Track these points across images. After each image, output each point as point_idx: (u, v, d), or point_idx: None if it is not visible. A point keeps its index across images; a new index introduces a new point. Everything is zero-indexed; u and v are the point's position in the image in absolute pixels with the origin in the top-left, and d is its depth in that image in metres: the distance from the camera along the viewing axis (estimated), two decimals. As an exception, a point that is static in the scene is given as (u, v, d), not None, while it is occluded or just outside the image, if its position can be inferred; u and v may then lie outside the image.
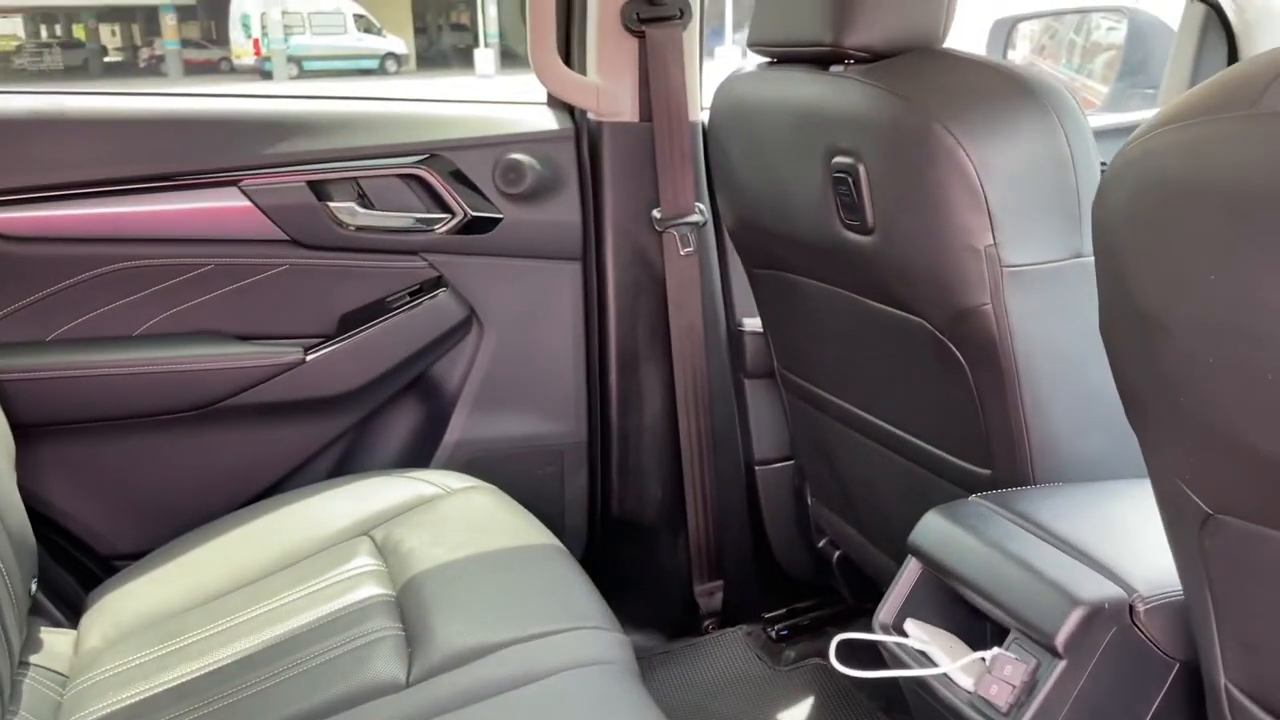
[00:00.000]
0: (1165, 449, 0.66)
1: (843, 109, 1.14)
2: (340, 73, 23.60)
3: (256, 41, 24.38)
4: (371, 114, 1.55)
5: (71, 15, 29.04)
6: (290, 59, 23.87)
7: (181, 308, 1.46)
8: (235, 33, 24.87)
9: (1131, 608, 0.83)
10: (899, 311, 1.19)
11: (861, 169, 1.11)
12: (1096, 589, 0.84)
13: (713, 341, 1.68)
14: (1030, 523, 0.95)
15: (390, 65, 25.02)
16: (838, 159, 1.14)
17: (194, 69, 26.51)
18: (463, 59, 25.41)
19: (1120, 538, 0.91)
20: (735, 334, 1.70)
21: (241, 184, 1.44)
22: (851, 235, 1.17)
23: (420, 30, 29.68)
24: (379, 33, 25.35)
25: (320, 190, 1.48)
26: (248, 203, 1.44)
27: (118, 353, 1.43)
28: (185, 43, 27.89)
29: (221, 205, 1.44)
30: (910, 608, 1.01)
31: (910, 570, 1.01)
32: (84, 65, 27.95)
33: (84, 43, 29.52)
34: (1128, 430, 1.11)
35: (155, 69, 27.13)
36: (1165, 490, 0.69)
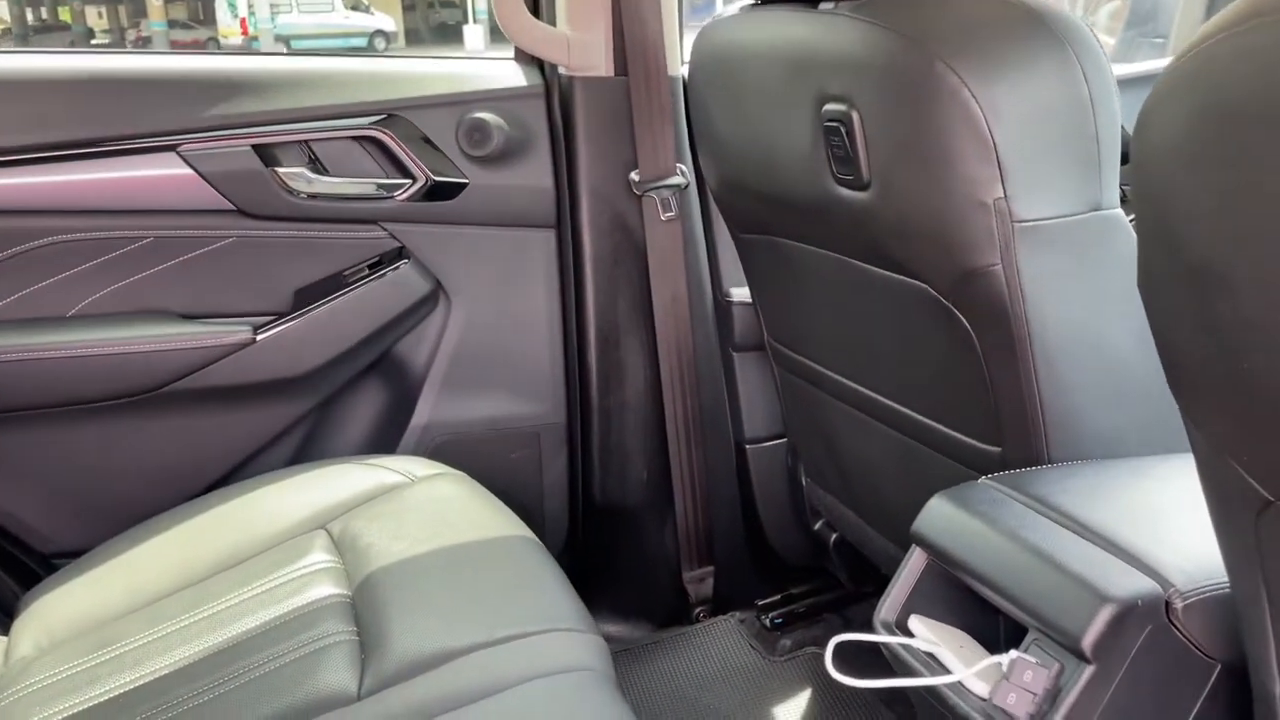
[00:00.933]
0: (1218, 424, 0.55)
1: (833, 50, 1.03)
2: (329, 51, 23.39)
3: (244, 21, 24.18)
4: (322, 72, 1.44)
5: (57, -2, 28.73)
6: (278, 38, 23.67)
7: (119, 285, 1.35)
8: (222, 12, 24.66)
9: (1168, 604, 0.73)
10: (898, 275, 1.08)
11: (855, 116, 1.00)
12: (1127, 584, 0.74)
13: (698, 313, 1.57)
14: (1048, 507, 0.85)
15: (379, 43, 24.81)
16: (829, 106, 1.03)
17: (181, 50, 26.28)
18: (452, 35, 25.18)
19: (1151, 523, 0.81)
20: (722, 304, 1.60)
21: (180, 149, 1.33)
22: (845, 191, 1.06)
23: (409, 7, 29.41)
24: (367, 10, 25.14)
25: (267, 155, 1.36)
26: (187, 169, 1.33)
27: (51, 335, 1.32)
28: (172, 23, 27.64)
29: (159, 173, 1.33)
30: (915, 603, 0.91)
31: (914, 562, 0.91)
32: (70, 49, 27.68)
33: (70, 25, 29.24)
34: (1152, 403, 1.01)
35: (142, 51, 26.87)
36: (1215, 472, 0.59)
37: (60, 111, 1.30)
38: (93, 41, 28.95)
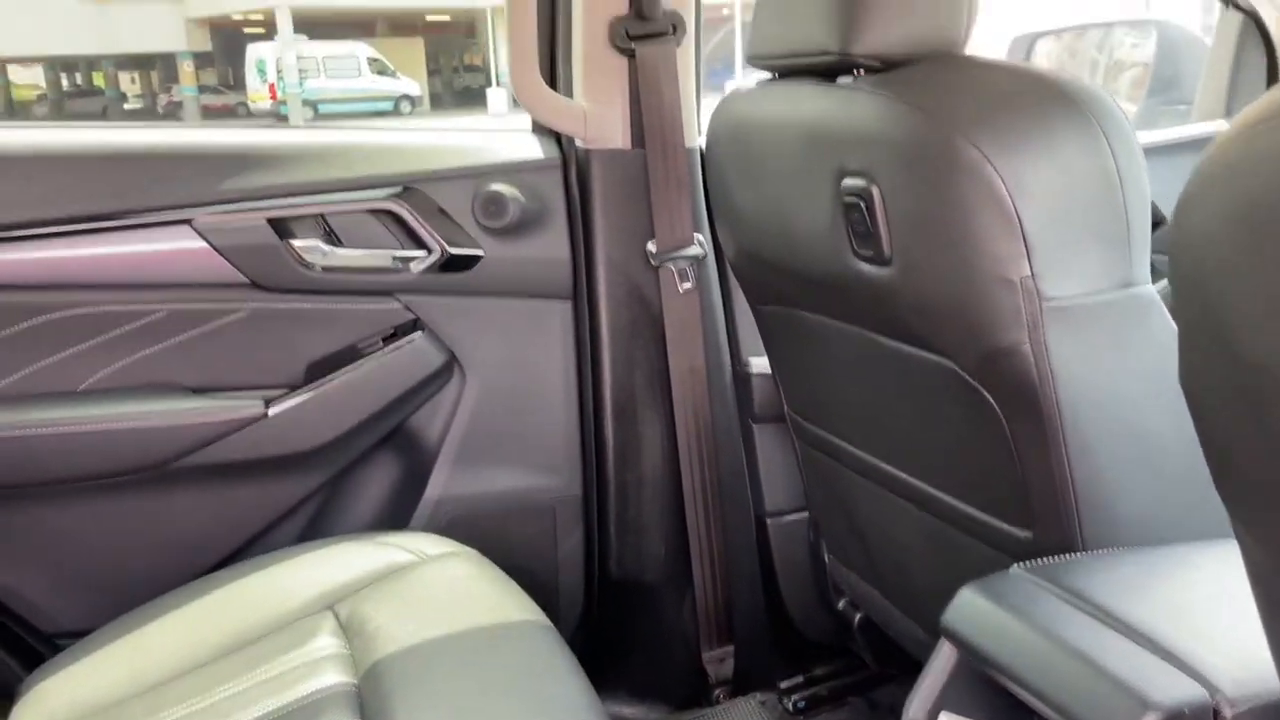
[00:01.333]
0: (1272, 530, 0.52)
1: (852, 125, 1.01)
2: (355, 115, 23.81)
3: (272, 86, 24.67)
4: (339, 145, 1.43)
5: (92, 63, 29.52)
6: (305, 102, 24.14)
7: (130, 359, 1.33)
8: (251, 77, 25.20)
9: (1216, 712, 0.68)
10: (922, 352, 1.05)
11: (875, 191, 0.98)
12: (1173, 689, 0.69)
13: (717, 384, 1.54)
14: (1085, 601, 0.81)
15: (404, 106, 25.28)
16: (848, 181, 1.01)
17: (211, 114, 26.88)
18: (475, 99, 25.63)
19: (1197, 621, 0.76)
20: (741, 375, 1.57)
21: (195, 222, 1.32)
22: (866, 267, 1.04)
23: (434, 72, 30.01)
24: (393, 75, 25.63)
25: (283, 228, 1.35)
26: (202, 243, 1.32)
27: (61, 410, 1.30)
28: (203, 88, 28.32)
29: (173, 246, 1.32)
30: (945, 699, 0.86)
31: (944, 656, 0.86)
32: (103, 113, 28.36)
33: (103, 90, 29.99)
34: (1191, 485, 0.96)
35: (173, 114, 27.53)
36: (1267, 579, 0.55)
37: (75, 186, 1.30)
38: (125, 106, 29.66)
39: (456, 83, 30.26)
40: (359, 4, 25.47)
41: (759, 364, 1.54)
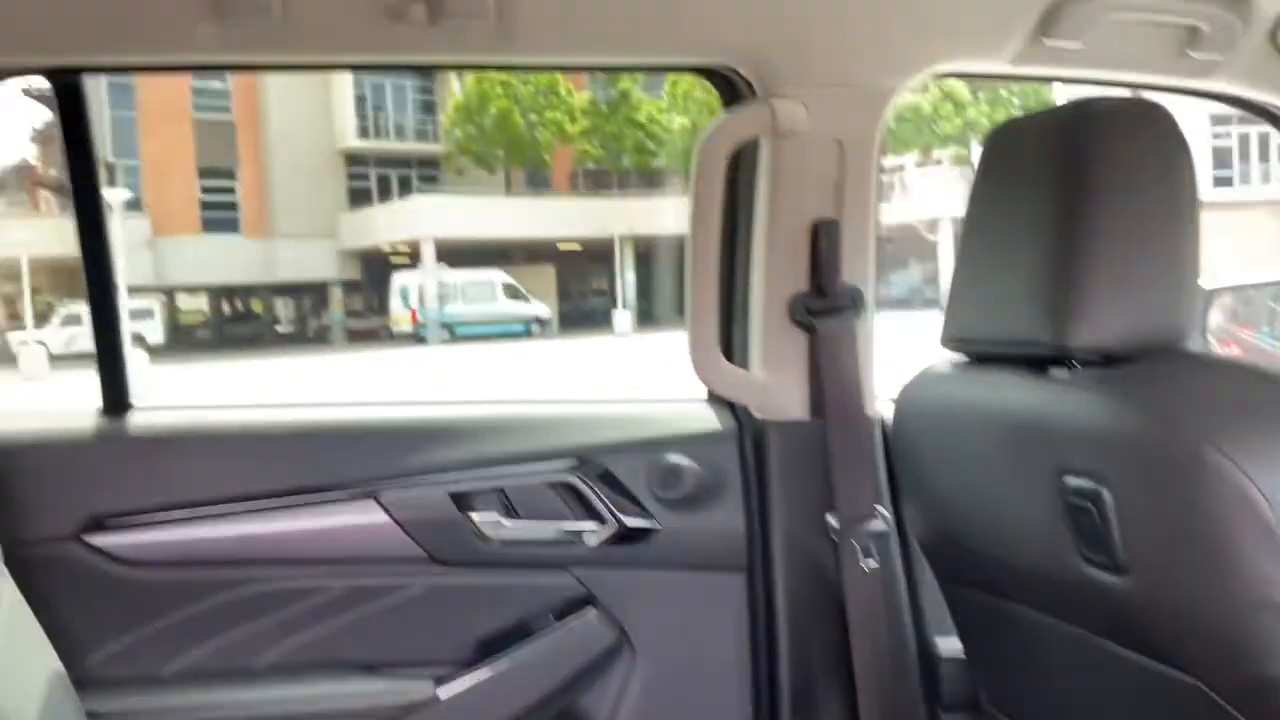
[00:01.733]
0: None
1: (1075, 422, 0.96)
2: (489, 337, 24.93)
3: (414, 312, 26.14)
4: (517, 417, 1.45)
5: (250, 290, 31.95)
6: (443, 325, 25.43)
7: (306, 636, 1.32)
8: (395, 302, 26.79)
9: None
10: (1164, 667, 0.94)
11: (1107, 495, 0.91)
12: None
13: (902, 667, 1.43)
14: None
15: (535, 328, 26.37)
16: (1072, 480, 0.95)
17: (356, 337, 28.55)
18: (602, 321, 26.56)
19: None
20: (929, 658, 1.45)
21: (379, 497, 1.33)
22: (1096, 573, 0.95)
23: (564, 296, 31.40)
24: (525, 299, 26.91)
25: (462, 500, 1.35)
26: (385, 517, 1.33)
27: (235, 692, 1.29)
28: (349, 313, 30.21)
29: (357, 521, 1.33)
30: None
31: None
32: (259, 336, 30.45)
33: (259, 315, 32.29)
34: None
35: (322, 337, 29.36)
36: None
37: (267, 464, 1.34)
38: (277, 328, 31.77)
39: (584, 306, 31.53)
40: (496, 235, 27.14)
41: (946, 646, 1.43)
